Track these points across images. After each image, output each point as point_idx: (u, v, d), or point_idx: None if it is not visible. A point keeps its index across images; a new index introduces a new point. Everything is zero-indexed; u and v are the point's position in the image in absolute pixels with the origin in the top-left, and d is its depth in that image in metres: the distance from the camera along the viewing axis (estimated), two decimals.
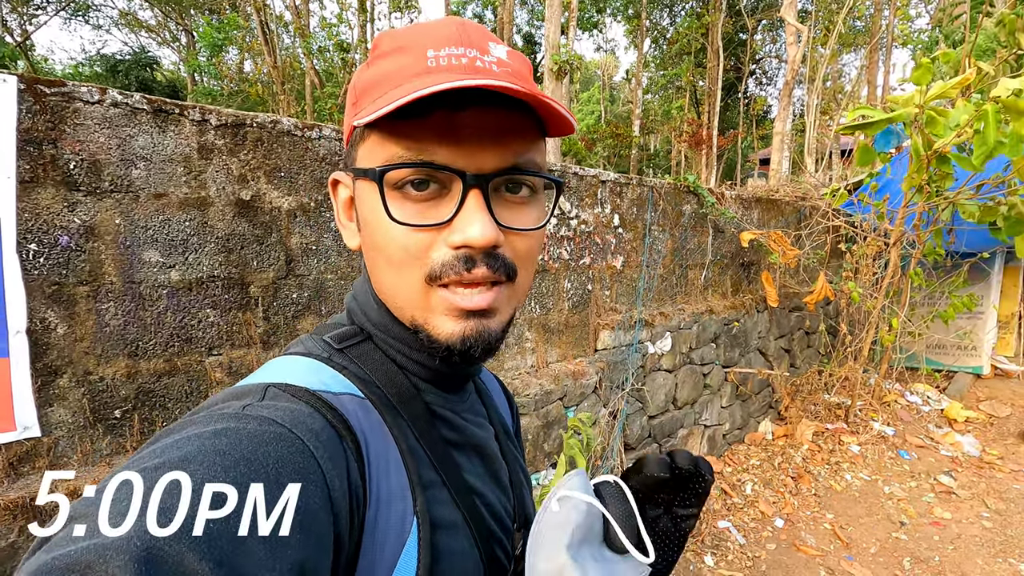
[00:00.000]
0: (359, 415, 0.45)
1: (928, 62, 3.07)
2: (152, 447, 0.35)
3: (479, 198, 0.43)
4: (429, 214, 0.44)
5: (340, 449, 0.41)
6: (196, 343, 1.69)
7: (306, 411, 0.41)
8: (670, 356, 3.49)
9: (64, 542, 0.27)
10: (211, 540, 0.29)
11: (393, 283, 0.47)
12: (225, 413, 0.38)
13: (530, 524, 0.63)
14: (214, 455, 0.33)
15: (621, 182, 3.16)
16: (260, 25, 11.21)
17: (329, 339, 0.52)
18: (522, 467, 0.66)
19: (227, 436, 0.35)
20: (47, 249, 1.41)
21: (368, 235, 0.48)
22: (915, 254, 4.23)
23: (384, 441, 0.46)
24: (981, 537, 3.30)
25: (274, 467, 0.34)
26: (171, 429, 0.37)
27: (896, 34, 13.80)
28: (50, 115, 1.39)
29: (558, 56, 8.54)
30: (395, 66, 0.44)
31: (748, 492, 3.70)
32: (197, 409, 0.41)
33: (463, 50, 0.44)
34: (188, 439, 0.34)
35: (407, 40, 0.45)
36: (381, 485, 0.44)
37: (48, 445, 1.45)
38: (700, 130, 15.11)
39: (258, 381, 0.44)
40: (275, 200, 1.82)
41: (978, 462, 4.26)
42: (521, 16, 20.05)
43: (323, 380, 0.46)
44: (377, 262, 0.48)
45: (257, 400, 0.41)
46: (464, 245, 0.43)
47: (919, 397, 5.30)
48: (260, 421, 0.37)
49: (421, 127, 0.43)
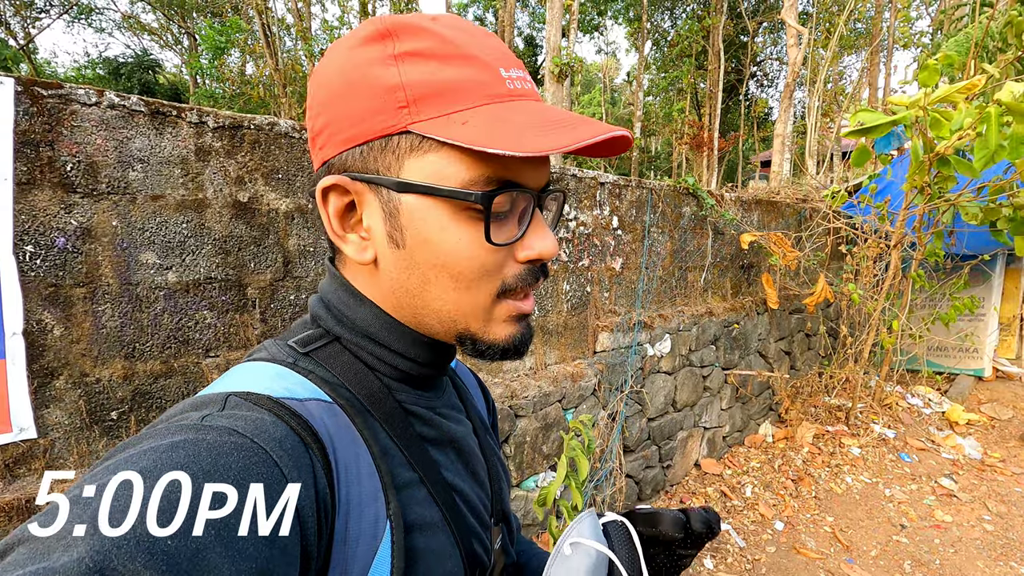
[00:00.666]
0: (326, 421, 0.44)
1: (934, 64, 3.07)
2: (107, 462, 0.34)
3: (539, 214, 0.48)
4: (504, 232, 0.46)
5: (305, 457, 0.40)
6: (193, 345, 1.69)
7: (269, 419, 0.40)
8: (669, 358, 3.48)
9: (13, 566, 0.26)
10: (169, 555, 0.28)
11: (453, 299, 0.47)
12: (183, 424, 0.37)
13: (509, 520, 0.64)
14: (170, 468, 0.32)
15: (620, 184, 3.16)
16: (262, 28, 11.25)
17: (294, 343, 0.51)
18: (500, 461, 0.66)
19: (185, 448, 0.34)
20: (44, 251, 1.42)
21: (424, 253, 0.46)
22: (916, 256, 4.22)
23: (354, 445, 0.45)
24: (982, 540, 3.28)
25: (235, 478, 0.33)
26: (128, 443, 0.36)
27: (897, 36, 13.79)
28: (47, 117, 1.39)
29: (559, 59, 8.56)
30: (466, 77, 0.43)
31: (748, 495, 3.69)
32: (156, 421, 0.40)
33: (522, 72, 0.47)
34: (143, 453, 0.33)
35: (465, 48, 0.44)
36: (351, 491, 0.43)
37: (44, 447, 1.45)
38: (701, 132, 15.11)
39: (219, 390, 0.43)
40: (272, 202, 1.83)
41: (979, 465, 4.25)
42: (522, 19, 20.10)
43: (287, 386, 0.45)
44: (437, 280, 0.47)
45: (217, 410, 0.39)
46: (537, 259, 0.48)
47: (920, 399, 5.28)
48: (220, 431, 0.36)
49: None
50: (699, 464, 3.95)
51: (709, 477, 3.86)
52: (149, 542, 0.28)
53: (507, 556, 0.62)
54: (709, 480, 3.83)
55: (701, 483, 3.78)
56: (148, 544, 0.28)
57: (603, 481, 2.98)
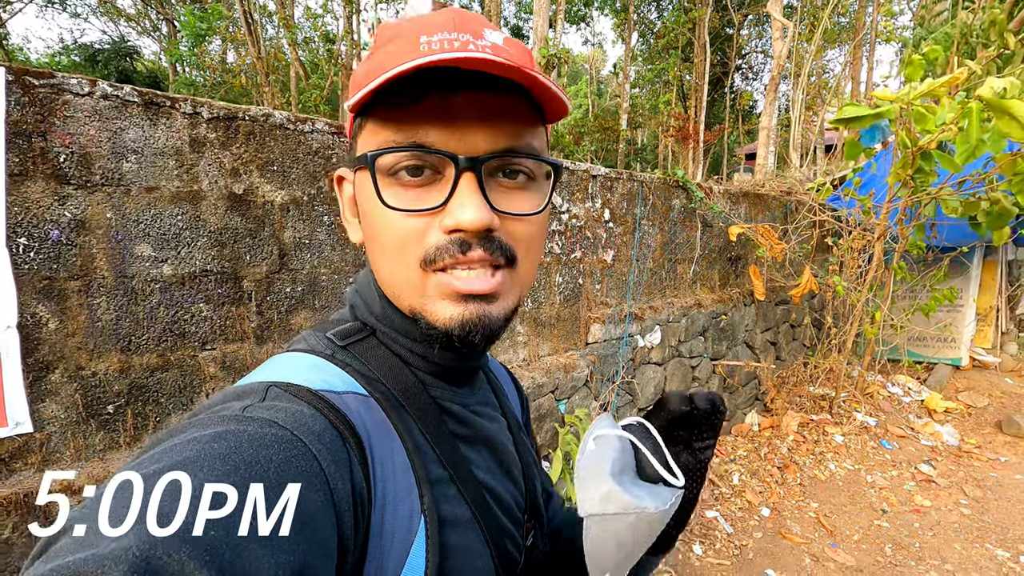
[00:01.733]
0: (363, 414, 0.45)
1: (919, 59, 3.13)
2: (151, 452, 0.34)
3: (472, 181, 0.43)
4: (423, 199, 0.44)
5: (343, 450, 0.40)
6: (189, 338, 1.68)
7: (308, 412, 0.40)
8: (659, 349, 3.53)
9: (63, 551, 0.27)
10: (211, 546, 0.28)
11: (390, 271, 0.47)
12: (225, 415, 0.37)
13: (541, 515, 0.64)
14: (213, 459, 0.32)
15: (611, 176, 3.18)
16: (243, 15, 11.02)
17: (332, 335, 0.52)
18: (534, 458, 0.66)
19: (227, 439, 0.34)
20: (37, 243, 1.39)
21: (366, 225, 0.48)
22: (898, 248, 4.31)
23: (389, 440, 0.46)
24: (959, 523, 3.39)
25: (275, 471, 0.34)
26: (171, 432, 0.37)
27: (880, 31, 13.96)
28: (39, 107, 1.37)
29: (546, 49, 8.52)
30: (388, 53, 0.44)
31: (735, 482, 3.77)
32: (197, 410, 0.40)
33: (456, 34, 0.44)
34: (187, 443, 0.34)
35: (403, 29, 0.45)
36: (387, 485, 0.43)
37: (41, 441, 1.44)
38: (687, 124, 15.17)
39: (260, 380, 0.44)
40: (268, 194, 1.81)
41: (957, 451, 4.38)
42: (509, 9, 19.95)
43: (326, 379, 0.46)
44: (375, 251, 0.48)
45: (258, 401, 0.40)
46: (457, 228, 0.43)
47: (900, 388, 5.42)
48: (261, 423, 0.37)
49: (412, 112, 0.43)
50: None
51: None
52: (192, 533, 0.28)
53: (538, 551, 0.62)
54: None
55: None
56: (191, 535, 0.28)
57: None
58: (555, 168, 0.50)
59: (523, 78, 0.42)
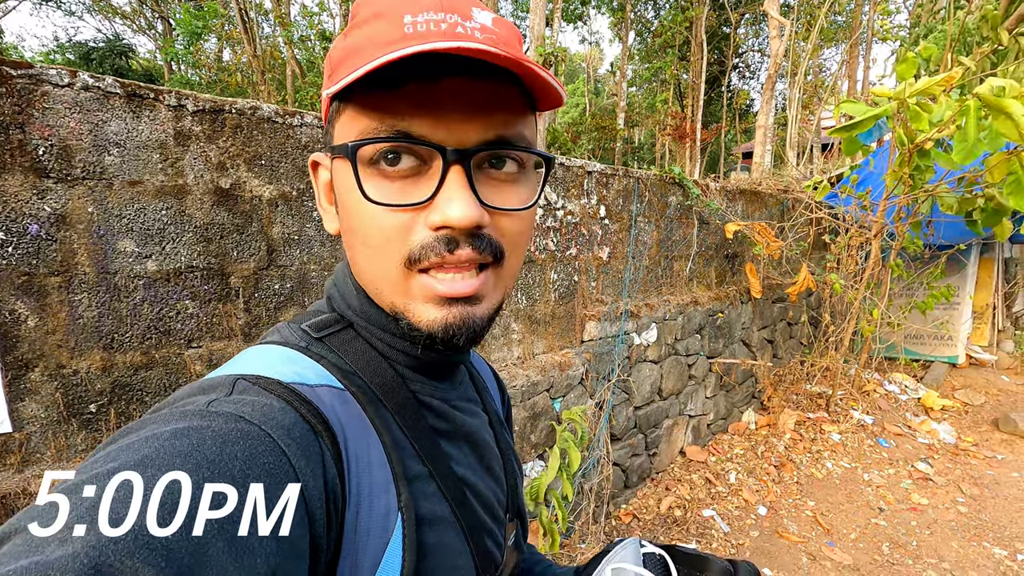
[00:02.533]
0: (337, 408, 0.43)
1: (912, 56, 3.11)
2: (106, 450, 0.32)
3: (461, 175, 0.41)
4: (408, 193, 0.41)
5: (315, 446, 0.38)
6: (174, 335, 1.65)
7: (278, 406, 0.38)
8: (655, 347, 3.50)
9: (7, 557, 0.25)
10: (169, 550, 0.26)
11: (371, 267, 0.45)
12: (188, 410, 0.35)
13: (523, 515, 0.62)
14: (172, 457, 0.30)
15: (607, 173, 3.16)
16: (239, 13, 10.98)
17: (307, 327, 0.49)
18: (515, 456, 0.64)
19: (189, 436, 0.32)
20: (16, 238, 1.36)
21: (345, 217, 0.46)
22: (895, 246, 4.30)
23: (365, 435, 0.44)
24: (956, 522, 3.38)
25: (241, 469, 0.32)
26: (130, 428, 0.34)
27: (876, 29, 13.97)
28: (17, 98, 1.33)
29: (543, 48, 8.49)
30: (370, 34, 0.41)
31: (732, 481, 3.75)
32: (161, 404, 0.38)
33: (443, 15, 0.41)
34: (146, 440, 0.32)
35: (384, 7, 0.42)
36: (362, 481, 0.41)
37: (20, 441, 1.40)
38: (684, 123, 15.18)
39: (228, 373, 0.41)
40: (256, 189, 1.78)
41: (954, 449, 4.37)
42: (506, 7, 19.92)
43: (298, 371, 0.44)
44: (354, 245, 0.46)
45: (225, 395, 0.38)
46: (444, 226, 0.41)
47: (897, 386, 5.41)
48: (226, 418, 0.35)
49: (397, 98, 0.40)
50: (684, 452, 4.00)
51: (694, 464, 3.91)
52: (147, 538, 0.26)
53: (520, 552, 0.61)
54: (694, 467, 3.87)
55: (686, 470, 3.82)
56: (146, 540, 0.26)
57: (590, 469, 3.00)
58: (547, 161, 0.48)
59: (518, 68, 0.39)
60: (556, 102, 0.45)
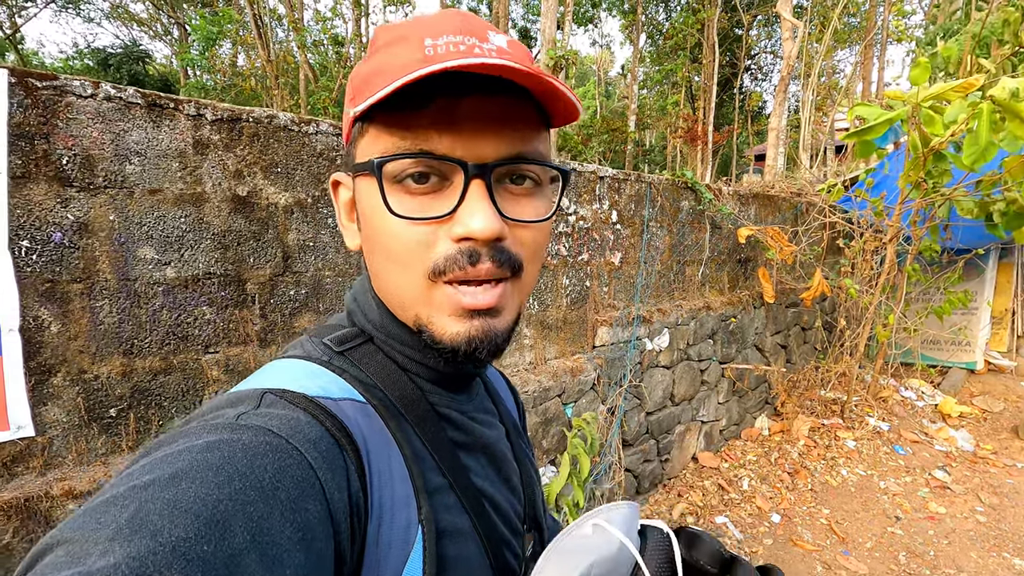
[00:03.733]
0: (360, 422, 0.44)
1: (926, 61, 3.07)
2: (142, 462, 0.33)
3: (482, 189, 0.42)
4: (430, 207, 0.43)
5: (340, 459, 0.39)
6: (192, 341, 1.67)
7: (304, 419, 0.39)
8: (668, 352, 3.49)
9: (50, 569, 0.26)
10: (205, 562, 0.27)
11: (395, 281, 0.46)
12: (218, 423, 0.36)
13: (541, 526, 0.62)
14: (206, 470, 0.31)
15: (619, 178, 3.15)
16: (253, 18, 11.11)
17: (329, 341, 0.50)
18: (533, 466, 0.64)
19: (220, 449, 0.33)
20: (40, 246, 1.39)
21: (369, 232, 0.47)
22: (911, 250, 4.24)
23: (387, 448, 0.44)
24: (975, 531, 3.33)
25: (271, 481, 0.33)
26: (162, 441, 0.36)
27: (891, 30, 13.82)
28: (42, 109, 1.36)
29: (554, 51, 8.50)
30: (392, 57, 0.43)
31: (745, 488, 3.72)
32: (191, 417, 0.39)
33: (462, 38, 0.42)
34: (179, 453, 0.33)
35: (405, 31, 0.44)
36: (384, 494, 0.42)
37: (43, 444, 1.43)
38: (696, 126, 15.10)
39: (255, 386, 0.42)
40: (272, 196, 1.80)
41: (972, 457, 4.30)
42: (516, 11, 19.96)
43: (322, 385, 0.45)
44: (377, 259, 0.47)
45: (253, 408, 0.39)
46: (467, 237, 0.42)
47: (914, 392, 5.33)
48: (255, 431, 0.36)
49: (419, 117, 0.41)
50: (696, 458, 3.97)
51: (706, 471, 3.88)
52: (184, 550, 0.27)
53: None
54: (706, 473, 3.85)
55: (699, 476, 3.80)
56: (184, 551, 0.27)
57: (602, 475, 2.99)
58: (563, 174, 0.49)
59: (539, 84, 0.41)
60: (571, 116, 0.46)
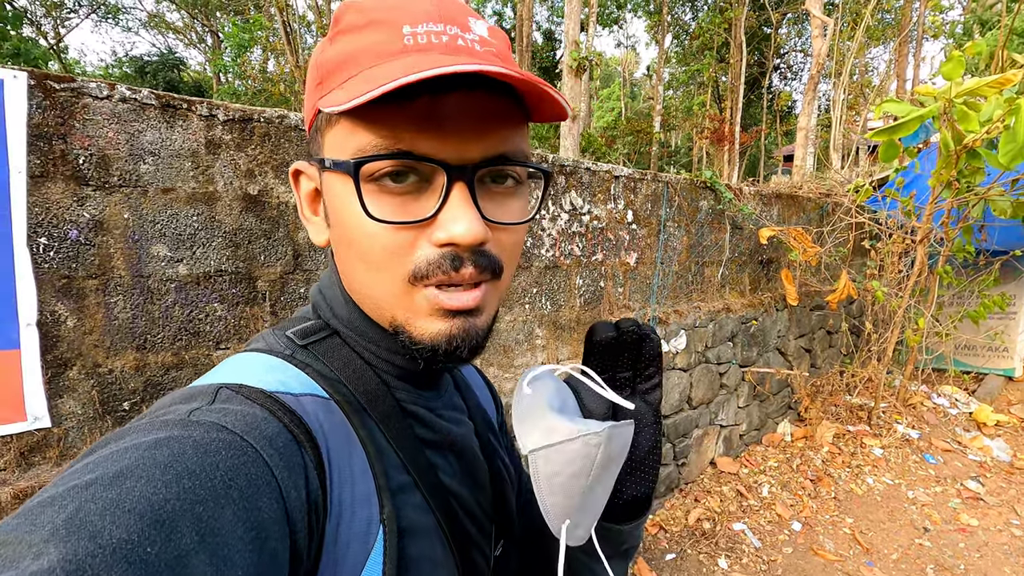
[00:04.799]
0: (320, 418, 0.43)
1: (959, 55, 2.96)
2: (86, 459, 0.32)
3: (464, 191, 0.40)
4: (410, 209, 0.41)
5: (298, 456, 0.38)
6: (204, 337, 1.71)
7: (260, 415, 0.38)
8: (685, 354, 3.43)
9: None
10: (148, 565, 0.26)
11: (370, 283, 0.44)
12: (169, 419, 0.35)
13: (511, 523, 0.61)
14: (153, 468, 0.30)
15: (635, 177, 3.12)
16: (282, 25, 11.38)
17: (292, 334, 0.49)
18: (504, 461, 0.63)
19: (169, 446, 0.32)
20: (57, 243, 1.44)
21: (341, 232, 0.44)
22: (943, 251, 4.09)
23: (349, 445, 0.43)
24: (1010, 545, 3.18)
25: (222, 479, 0.32)
26: (109, 438, 0.35)
27: (927, 26, 13.38)
28: (60, 110, 1.41)
29: (577, 53, 8.47)
30: (366, 43, 0.41)
31: (765, 494, 3.63)
32: (143, 414, 0.38)
33: (443, 26, 0.40)
34: (125, 450, 0.31)
35: (379, 13, 0.41)
36: (344, 492, 0.41)
37: (58, 436, 1.48)
38: (722, 126, 14.87)
39: (210, 382, 0.41)
40: (282, 195, 1.83)
41: (1008, 467, 4.11)
42: (541, 13, 19.97)
43: (282, 380, 0.43)
44: (350, 260, 0.45)
45: (207, 403, 0.38)
46: (450, 243, 0.40)
47: (946, 399, 5.13)
48: (207, 428, 0.34)
49: (398, 113, 0.39)
50: (714, 462, 3.89)
51: (725, 476, 3.80)
52: (125, 551, 0.26)
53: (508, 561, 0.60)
54: (725, 479, 3.77)
55: (716, 482, 3.72)
56: (125, 553, 0.26)
57: None
58: (546, 175, 0.47)
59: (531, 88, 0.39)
60: (559, 117, 0.44)
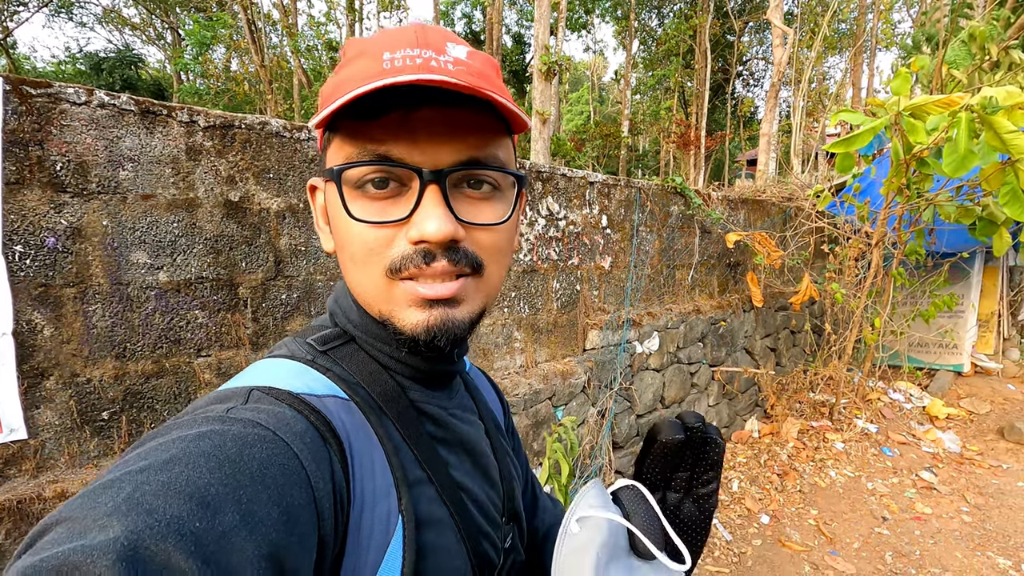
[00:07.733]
0: (343, 417, 0.46)
1: (906, 72, 3.14)
2: (137, 450, 0.36)
3: (436, 194, 0.45)
4: (389, 211, 0.46)
5: (324, 451, 0.42)
6: (185, 344, 1.69)
7: (289, 414, 0.42)
8: (658, 355, 3.52)
9: (51, 544, 0.27)
10: (197, 537, 0.29)
11: (358, 279, 0.49)
12: (209, 416, 0.39)
13: (520, 518, 0.65)
14: (199, 456, 0.34)
15: (609, 183, 3.19)
16: (247, 23, 11.13)
17: (312, 341, 0.53)
18: (514, 462, 0.67)
19: (211, 438, 0.35)
20: (33, 251, 1.41)
21: (336, 236, 0.50)
22: (897, 254, 4.31)
23: (368, 442, 0.47)
24: (961, 531, 3.37)
25: (259, 468, 0.35)
26: (156, 432, 0.38)
27: (880, 37, 14.01)
28: (36, 116, 1.38)
29: (547, 57, 8.56)
30: (354, 70, 0.45)
31: (735, 489, 3.75)
32: (182, 413, 0.42)
33: (419, 51, 0.45)
34: (172, 442, 0.35)
35: (368, 46, 0.47)
36: (365, 486, 0.45)
37: (35, 447, 1.44)
38: (688, 131, 15.22)
39: (242, 384, 0.45)
40: (264, 201, 1.82)
41: (958, 458, 4.35)
42: (510, 16, 20.06)
43: (307, 383, 0.47)
44: (345, 262, 0.50)
45: (241, 403, 0.42)
46: (421, 240, 0.44)
47: (902, 395, 5.39)
48: (244, 423, 0.38)
49: (377, 126, 0.44)
50: None
51: None
52: (178, 526, 0.29)
53: (517, 554, 0.63)
54: None
55: None
56: (177, 527, 0.29)
57: (592, 478, 3.02)
58: (518, 179, 0.51)
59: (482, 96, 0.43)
60: (522, 127, 0.49)
